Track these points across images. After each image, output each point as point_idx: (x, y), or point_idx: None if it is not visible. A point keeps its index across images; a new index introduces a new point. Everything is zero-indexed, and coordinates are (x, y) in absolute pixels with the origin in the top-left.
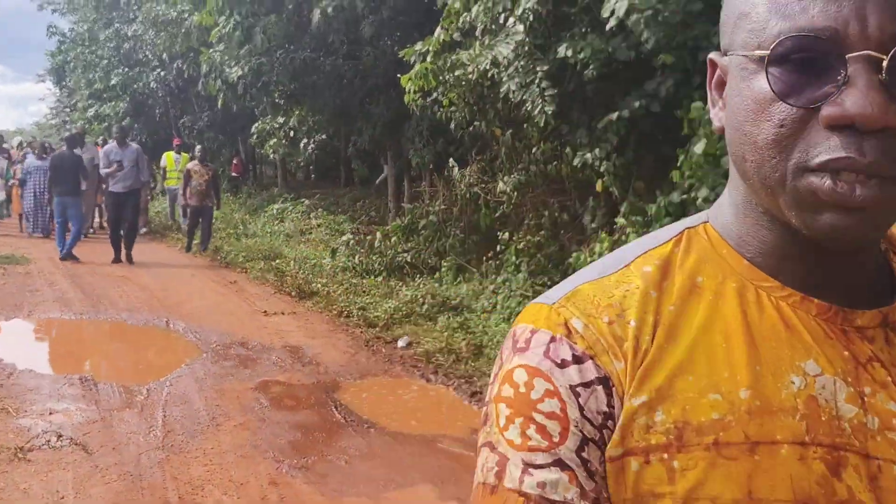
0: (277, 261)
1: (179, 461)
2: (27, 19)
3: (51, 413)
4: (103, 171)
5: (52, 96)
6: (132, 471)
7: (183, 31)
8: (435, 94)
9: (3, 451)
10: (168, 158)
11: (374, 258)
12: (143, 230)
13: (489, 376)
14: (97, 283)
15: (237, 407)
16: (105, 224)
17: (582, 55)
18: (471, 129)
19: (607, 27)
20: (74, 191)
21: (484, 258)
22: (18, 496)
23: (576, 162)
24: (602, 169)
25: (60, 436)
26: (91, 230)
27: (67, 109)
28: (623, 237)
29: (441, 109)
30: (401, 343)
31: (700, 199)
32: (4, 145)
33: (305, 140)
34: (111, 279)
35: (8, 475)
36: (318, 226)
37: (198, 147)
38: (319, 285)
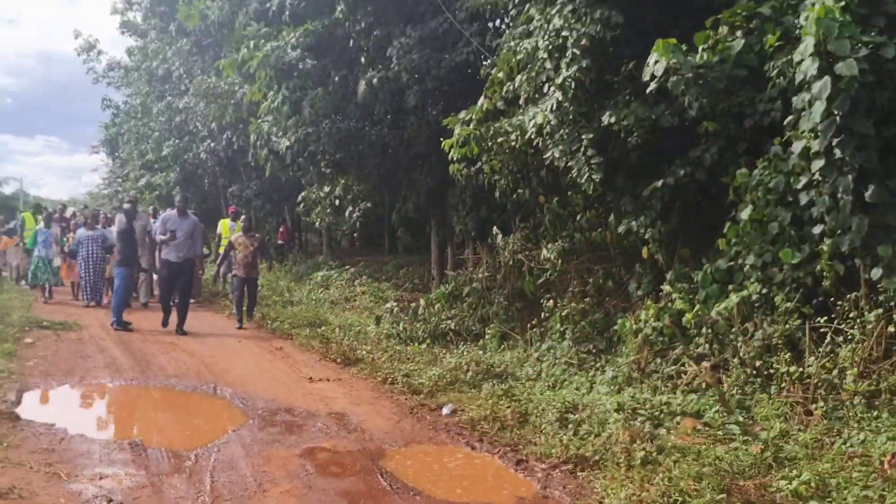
0: (323, 328)
1: None
2: (81, 93)
3: (101, 478)
4: (158, 238)
5: (105, 167)
6: None
7: (233, 102)
8: (479, 163)
9: None
10: (223, 226)
11: (417, 325)
12: (193, 301)
13: (534, 444)
14: (147, 349)
15: (283, 473)
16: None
17: (626, 122)
18: (514, 196)
19: (647, 90)
20: (127, 261)
21: (528, 325)
22: None
23: (620, 229)
24: (647, 236)
25: (111, 500)
26: (151, 295)
27: (119, 179)
28: (669, 304)
29: (484, 177)
30: (445, 410)
31: (747, 266)
32: (62, 213)
33: (350, 208)
34: (160, 345)
35: None
36: (363, 293)
37: (243, 217)
38: (364, 352)
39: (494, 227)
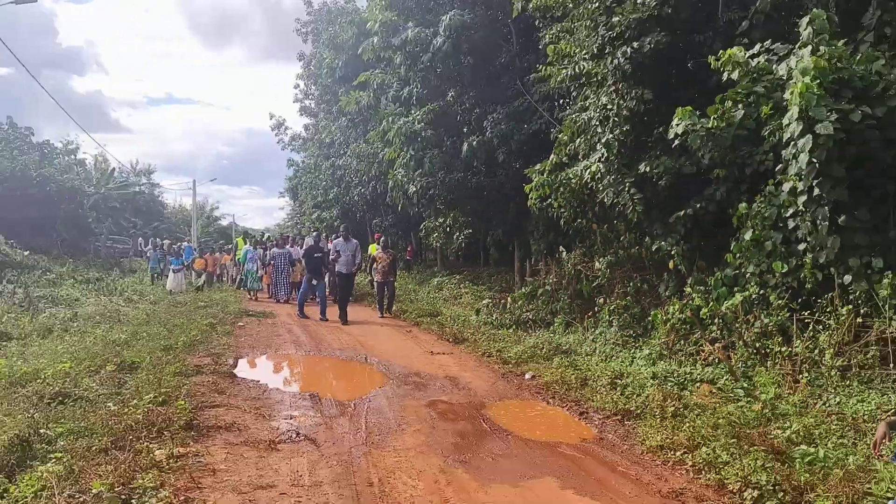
0: (439, 317)
1: (378, 453)
2: (273, 156)
3: (291, 418)
4: (332, 258)
5: (289, 206)
6: (346, 459)
7: (376, 161)
8: (548, 200)
9: (262, 443)
10: (373, 249)
11: (506, 316)
12: (351, 299)
13: (592, 401)
14: (319, 331)
15: (415, 417)
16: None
17: (657, 170)
18: (574, 224)
19: (673, 146)
20: (318, 274)
21: (585, 316)
22: (272, 474)
23: (654, 247)
24: (673, 252)
25: (298, 433)
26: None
27: (298, 215)
28: (690, 301)
29: (553, 211)
30: (527, 376)
31: (749, 274)
32: (263, 239)
33: (457, 233)
34: (328, 329)
35: (265, 460)
36: (466, 293)
37: (381, 239)
38: (468, 334)
39: (560, 247)
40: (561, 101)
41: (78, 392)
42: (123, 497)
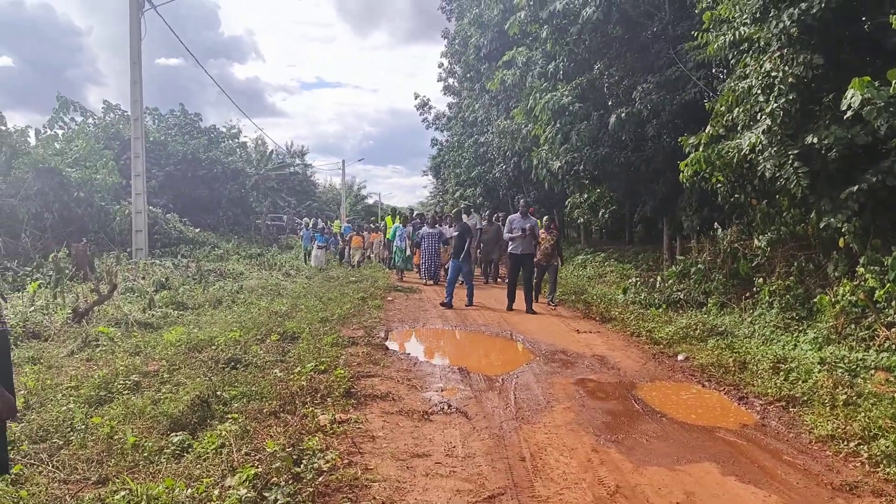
0: (584, 295)
1: (528, 429)
2: (417, 135)
3: (442, 390)
4: (506, 236)
5: (431, 185)
6: (497, 433)
7: (520, 137)
8: (701, 174)
9: (416, 413)
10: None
11: (655, 295)
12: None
13: (752, 385)
14: (462, 306)
15: (564, 395)
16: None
17: (826, 141)
18: (731, 199)
19: (845, 117)
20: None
21: (742, 297)
22: (427, 443)
23: (821, 224)
24: (843, 229)
25: (450, 406)
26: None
27: (441, 193)
28: (863, 282)
29: (708, 186)
30: (680, 357)
31: None
32: (413, 215)
33: (602, 210)
34: (473, 307)
35: (419, 429)
36: (611, 271)
37: (545, 217)
38: (616, 313)
39: (715, 223)
40: (717, 70)
41: (248, 358)
42: (295, 457)
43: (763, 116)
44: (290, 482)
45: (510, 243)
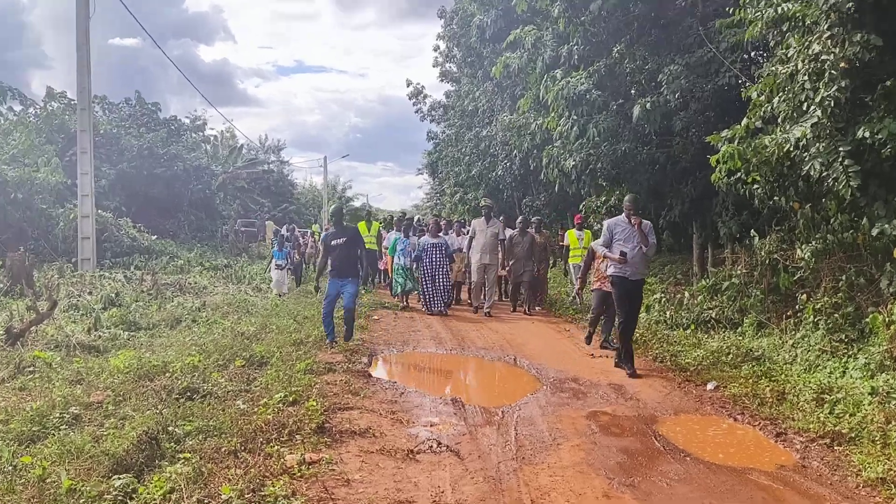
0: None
1: (530, 471)
2: (410, 128)
3: (432, 425)
4: (602, 251)
5: (427, 185)
6: (493, 475)
7: (528, 133)
8: (738, 174)
9: (399, 452)
10: (571, 237)
11: (682, 313)
12: (539, 308)
13: (792, 419)
14: (462, 327)
15: (573, 430)
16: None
17: (879, 136)
18: (770, 203)
19: None
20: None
21: (783, 316)
22: (411, 488)
23: (874, 231)
24: None
25: (440, 443)
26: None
27: (438, 195)
28: None
29: (744, 187)
30: (709, 386)
31: None
32: (404, 219)
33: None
34: (472, 325)
35: (403, 471)
36: None
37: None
38: (637, 334)
39: (752, 231)
40: (754, 53)
41: (206, 388)
42: None
43: (810, 107)
44: None
45: (608, 264)
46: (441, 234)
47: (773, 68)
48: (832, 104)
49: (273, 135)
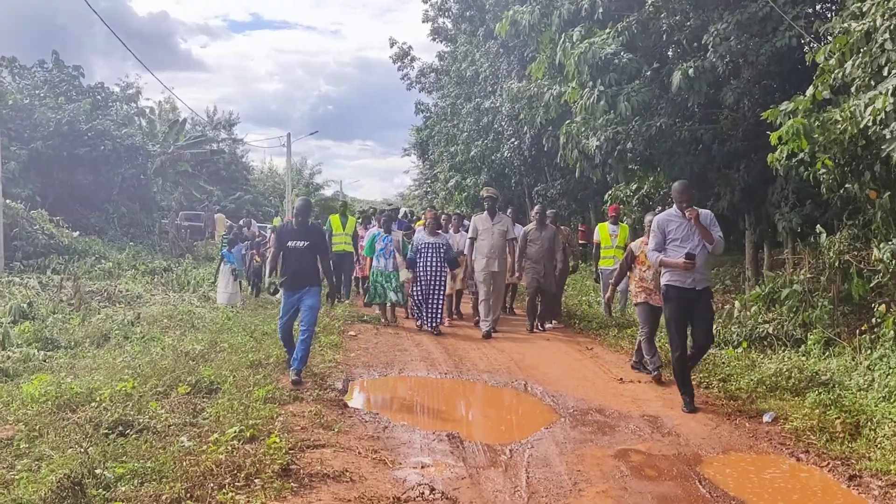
0: (631, 329)
1: None
2: (394, 99)
3: (423, 467)
4: (655, 257)
5: (416, 169)
6: None
7: (542, 104)
8: (801, 156)
9: (382, 500)
10: (602, 231)
11: (732, 328)
12: (555, 323)
13: (869, 459)
14: (460, 345)
15: (598, 473)
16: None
17: None
18: (841, 191)
19: None
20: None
21: (856, 331)
22: None
23: None
24: None
25: (433, 489)
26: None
27: (429, 181)
28: None
29: (809, 171)
30: (766, 418)
31: None
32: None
33: (659, 207)
34: (472, 343)
35: None
36: None
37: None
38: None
39: (818, 226)
40: (820, 6)
41: (143, 421)
42: None
43: (892, 70)
44: None
45: (663, 272)
46: (441, 231)
47: (845, 25)
48: None
49: (224, 107)
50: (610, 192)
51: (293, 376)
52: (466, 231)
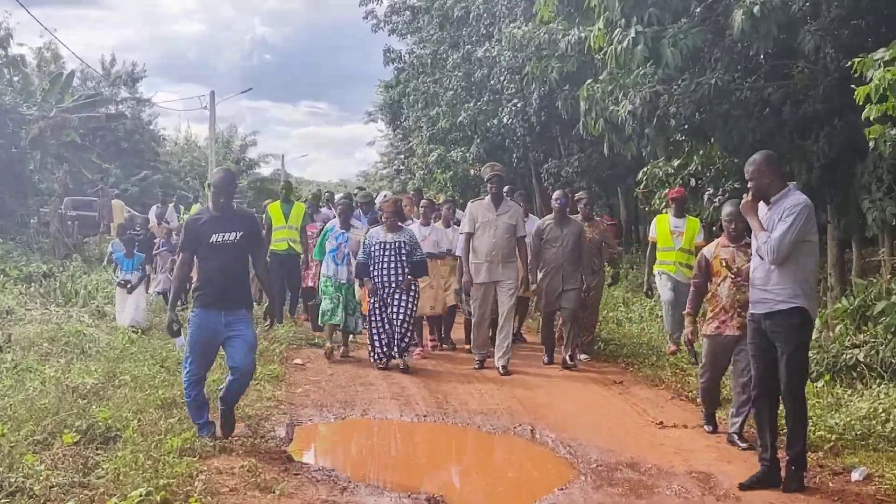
0: (675, 356)
1: None
2: (356, 46)
3: None
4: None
5: (384, 139)
6: None
7: (556, 54)
8: None
9: None
10: (660, 226)
11: (810, 354)
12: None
13: None
14: (443, 376)
15: None
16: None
17: None
18: None
19: None
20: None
21: None
22: None
23: None
24: None
25: None
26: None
27: (402, 156)
28: None
29: None
30: (856, 475)
31: None
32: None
33: (711, 190)
34: (461, 375)
35: None
36: None
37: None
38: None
39: None
40: None
41: (15, 481)
42: None
43: None
44: None
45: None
46: (413, 222)
47: None
48: None
49: (125, 56)
50: (645, 169)
51: (213, 438)
52: (458, 224)
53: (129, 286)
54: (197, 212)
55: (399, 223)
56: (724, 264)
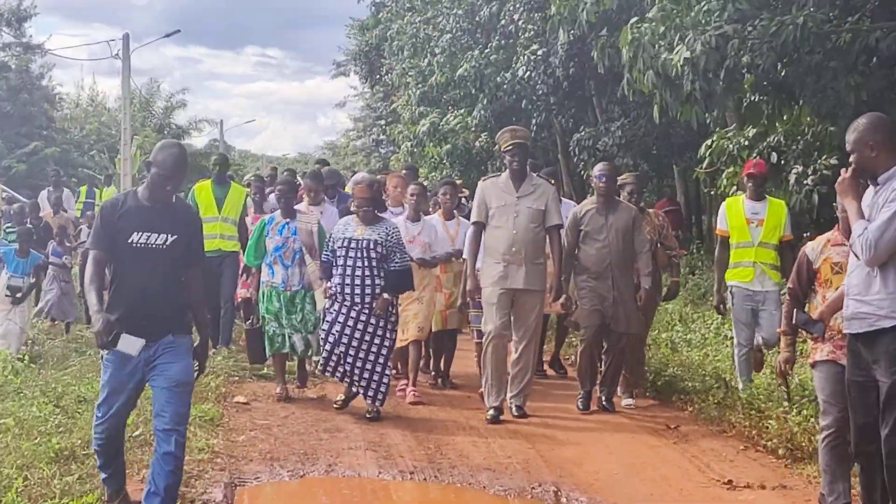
0: (746, 391)
1: None
2: None
3: None
4: None
5: (358, 99)
6: None
7: None
8: None
9: None
10: (731, 211)
11: None
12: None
13: None
14: (436, 421)
15: None
16: None
17: None
18: None
19: None
20: None
21: None
22: None
23: None
24: None
25: None
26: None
27: (382, 122)
28: None
29: None
30: None
31: None
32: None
33: (799, 167)
34: (458, 418)
35: None
36: None
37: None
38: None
39: None
40: None
41: None
42: None
43: None
44: None
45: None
46: (393, 211)
47: None
48: None
49: None
50: (710, 140)
51: None
52: (467, 218)
53: (18, 294)
54: (118, 196)
55: (378, 214)
56: (835, 269)
